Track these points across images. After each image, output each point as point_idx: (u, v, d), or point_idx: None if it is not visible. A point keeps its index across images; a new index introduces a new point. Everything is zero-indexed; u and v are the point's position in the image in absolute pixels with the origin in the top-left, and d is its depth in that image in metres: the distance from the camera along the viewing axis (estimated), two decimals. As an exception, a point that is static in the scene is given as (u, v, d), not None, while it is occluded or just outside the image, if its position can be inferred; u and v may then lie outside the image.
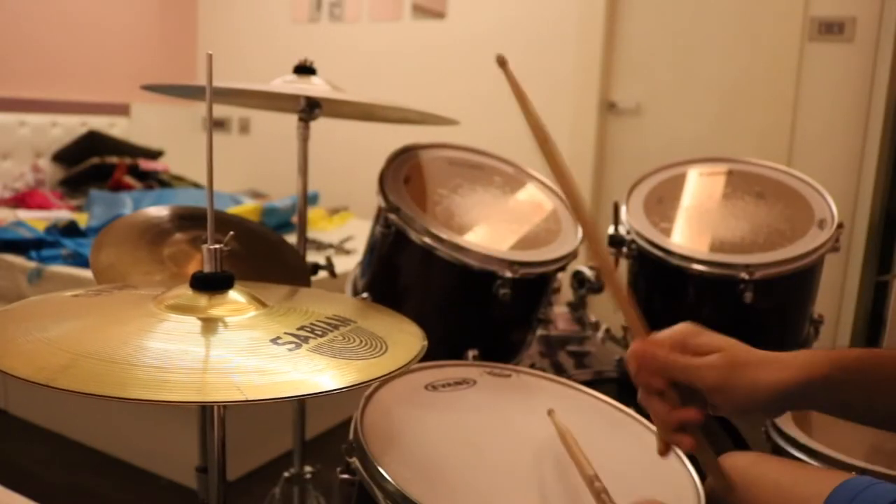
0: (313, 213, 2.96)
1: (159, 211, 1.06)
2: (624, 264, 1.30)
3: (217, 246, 0.64)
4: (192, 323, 0.60)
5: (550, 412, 0.83)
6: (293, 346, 0.58)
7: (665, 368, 0.64)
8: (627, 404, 0.93)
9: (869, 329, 2.40)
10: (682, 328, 0.66)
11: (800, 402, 0.64)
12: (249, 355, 0.56)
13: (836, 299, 2.44)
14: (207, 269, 0.64)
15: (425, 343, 0.67)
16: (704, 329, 0.65)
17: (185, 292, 0.64)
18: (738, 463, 0.76)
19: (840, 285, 2.43)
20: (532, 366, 1.12)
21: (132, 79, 3.53)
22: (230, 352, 0.57)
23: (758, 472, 0.73)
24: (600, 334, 1.40)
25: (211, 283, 0.64)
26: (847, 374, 0.60)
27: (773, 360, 0.62)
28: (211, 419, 0.69)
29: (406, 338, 0.68)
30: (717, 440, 0.71)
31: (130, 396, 0.48)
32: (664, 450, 0.68)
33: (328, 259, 1.27)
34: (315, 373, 0.55)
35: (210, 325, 0.60)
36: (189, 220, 1.04)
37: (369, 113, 1.46)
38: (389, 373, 0.58)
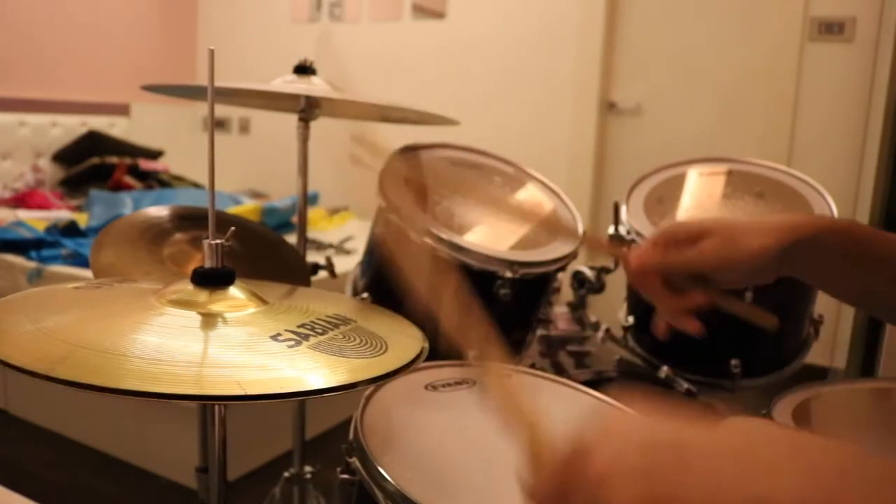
0: (313, 213, 2.96)
1: (159, 211, 1.06)
2: (624, 264, 1.30)
3: (218, 241, 0.64)
4: (192, 317, 0.60)
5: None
6: (293, 342, 0.58)
7: (664, 268, 0.68)
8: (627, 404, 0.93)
9: (869, 329, 2.40)
10: (664, 227, 0.70)
11: (789, 264, 0.66)
12: (249, 351, 0.56)
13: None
14: (208, 264, 0.64)
15: (426, 345, 0.67)
16: (683, 220, 0.69)
17: (185, 287, 0.64)
18: (744, 427, 0.75)
19: (840, 285, 2.43)
20: (532, 366, 1.12)
21: (132, 79, 3.54)
22: (229, 347, 0.57)
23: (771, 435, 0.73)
24: (600, 334, 1.39)
25: (211, 279, 0.64)
26: (832, 237, 0.64)
27: (760, 226, 0.65)
28: (211, 418, 0.69)
29: (406, 338, 0.68)
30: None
31: (129, 388, 0.48)
32: (665, 332, 0.73)
33: (328, 259, 1.27)
34: (315, 370, 0.55)
35: (210, 320, 0.61)
36: (189, 220, 1.04)
37: (369, 113, 1.46)
38: (391, 372, 0.58)
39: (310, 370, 0.55)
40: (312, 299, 0.75)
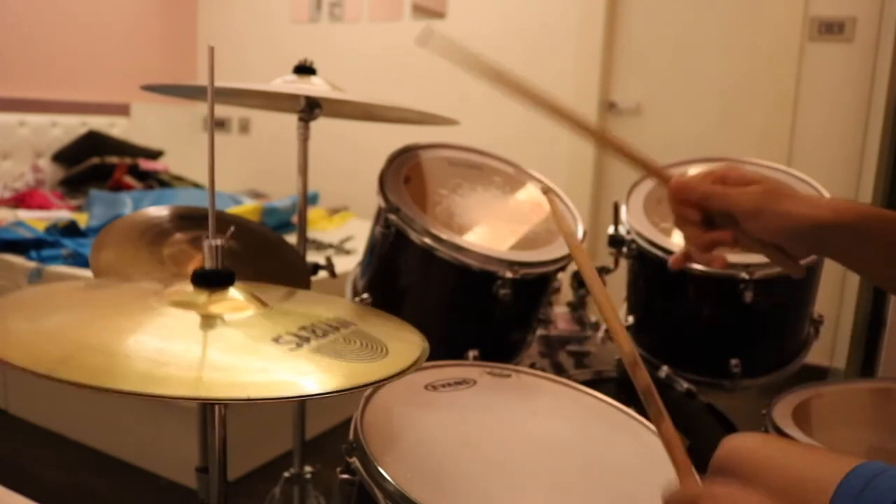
0: (313, 213, 2.96)
1: (159, 211, 1.06)
2: (624, 264, 1.30)
3: (218, 242, 0.64)
4: (192, 319, 0.60)
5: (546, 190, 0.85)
6: (294, 345, 0.58)
7: (704, 197, 0.70)
8: (627, 404, 0.93)
9: (869, 329, 2.40)
10: (720, 164, 0.72)
11: (824, 242, 0.68)
12: (250, 353, 0.56)
13: (836, 299, 2.44)
14: (208, 265, 0.64)
15: (426, 347, 0.67)
16: (742, 165, 0.70)
17: (185, 288, 0.64)
18: (746, 444, 0.75)
19: (840, 285, 2.43)
20: (532, 366, 1.12)
21: (132, 79, 3.54)
22: (231, 349, 0.57)
23: (766, 454, 0.73)
24: (600, 334, 1.40)
25: (212, 280, 0.64)
26: (873, 223, 0.65)
27: (807, 198, 0.66)
28: (211, 419, 0.69)
29: (407, 340, 0.68)
30: (714, 439, 0.71)
31: (129, 389, 0.48)
32: (680, 261, 0.76)
33: (328, 259, 1.27)
34: (316, 373, 0.55)
35: (210, 321, 0.61)
36: (189, 220, 1.04)
37: (369, 113, 1.46)
38: (392, 375, 0.58)
39: (311, 373, 0.55)
40: (311, 302, 0.75)
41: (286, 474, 1.31)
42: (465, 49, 0.79)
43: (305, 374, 0.55)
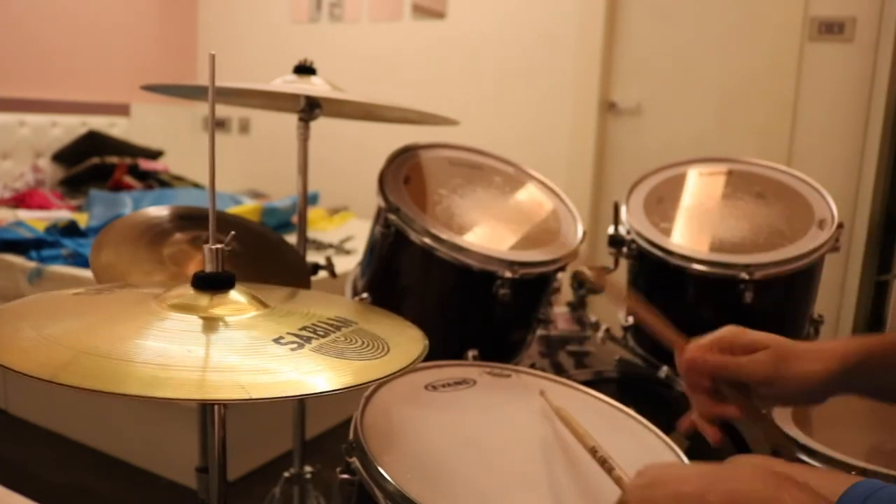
0: (313, 213, 2.96)
1: (159, 211, 1.06)
2: (624, 264, 1.30)
3: (219, 246, 0.64)
4: (194, 321, 0.60)
5: (542, 393, 0.87)
6: (296, 345, 0.58)
7: (715, 370, 0.71)
8: (627, 404, 0.93)
9: (869, 329, 2.41)
10: (726, 331, 0.73)
11: (839, 388, 0.70)
12: (252, 354, 0.56)
13: (836, 299, 2.44)
14: (209, 268, 0.64)
15: (427, 343, 0.67)
16: (747, 329, 0.72)
17: (186, 292, 0.64)
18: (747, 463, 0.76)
19: (840, 285, 2.43)
20: (532, 366, 1.12)
21: (132, 79, 3.54)
22: (232, 350, 0.57)
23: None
24: (600, 334, 1.40)
25: (212, 283, 0.64)
26: (880, 358, 0.66)
27: (815, 351, 0.68)
28: (211, 419, 0.69)
29: (408, 339, 0.68)
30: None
31: (132, 393, 0.48)
32: (687, 424, 0.77)
33: (328, 259, 1.27)
34: (318, 372, 0.55)
35: (211, 323, 0.61)
36: (189, 220, 1.04)
37: (369, 113, 1.46)
38: (394, 373, 0.58)
39: (315, 372, 0.55)
40: (312, 302, 0.75)
41: (286, 474, 1.31)
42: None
43: (309, 373, 0.55)
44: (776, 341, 0.70)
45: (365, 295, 1.18)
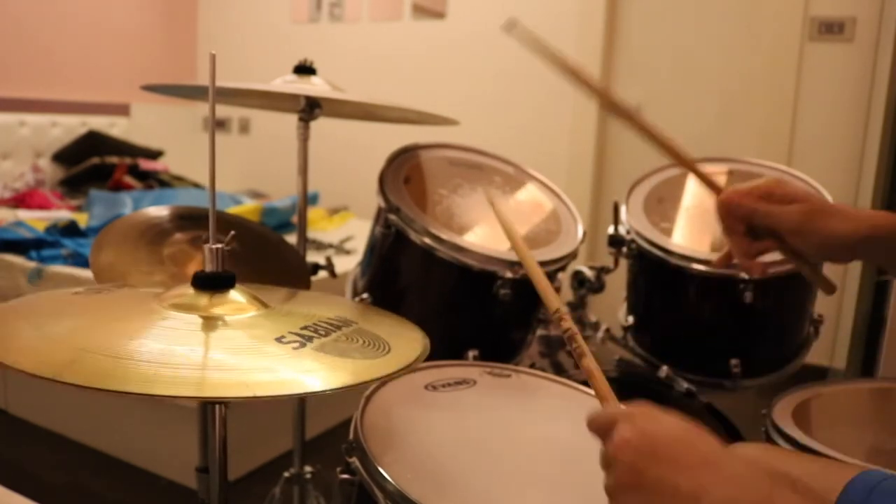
0: (313, 213, 2.96)
1: (159, 211, 1.06)
2: (624, 264, 1.30)
3: (219, 246, 0.64)
4: (194, 321, 0.60)
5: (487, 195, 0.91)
6: (297, 344, 0.58)
7: (749, 214, 0.76)
8: (627, 404, 0.93)
9: (869, 329, 2.40)
10: (768, 180, 0.77)
11: (865, 253, 0.75)
12: (254, 353, 0.57)
13: (836, 299, 2.44)
14: (209, 268, 0.64)
15: (428, 343, 0.67)
16: (789, 180, 0.75)
17: (186, 291, 0.64)
18: (747, 454, 0.75)
19: (840, 285, 2.43)
20: (532, 366, 1.12)
21: (132, 79, 3.53)
22: (234, 348, 0.57)
23: (767, 465, 0.73)
24: (600, 334, 1.40)
25: (212, 283, 0.64)
26: None
27: (846, 212, 0.72)
28: (212, 419, 0.69)
29: (409, 338, 0.68)
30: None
31: (135, 391, 0.48)
32: (723, 262, 0.86)
33: (328, 259, 1.27)
34: (321, 370, 0.55)
35: (212, 322, 0.61)
36: (189, 220, 1.04)
37: (369, 113, 1.46)
38: (396, 371, 0.58)
39: (316, 371, 0.55)
40: (312, 302, 0.75)
41: (286, 474, 1.31)
42: (545, 43, 0.93)
43: (311, 372, 0.55)
44: (812, 197, 0.74)
45: (365, 295, 1.18)
